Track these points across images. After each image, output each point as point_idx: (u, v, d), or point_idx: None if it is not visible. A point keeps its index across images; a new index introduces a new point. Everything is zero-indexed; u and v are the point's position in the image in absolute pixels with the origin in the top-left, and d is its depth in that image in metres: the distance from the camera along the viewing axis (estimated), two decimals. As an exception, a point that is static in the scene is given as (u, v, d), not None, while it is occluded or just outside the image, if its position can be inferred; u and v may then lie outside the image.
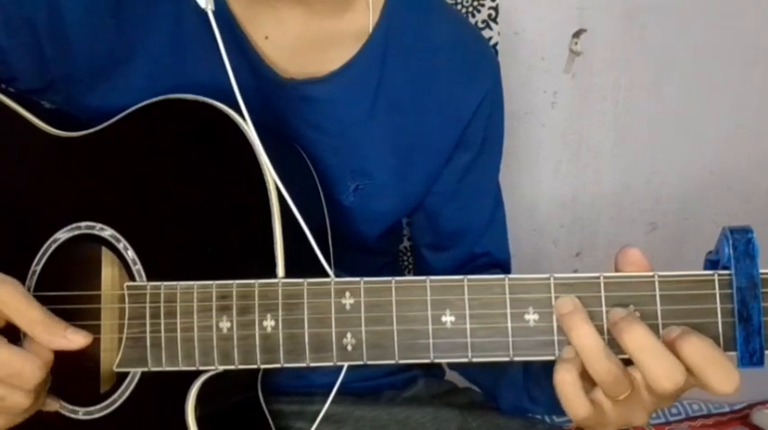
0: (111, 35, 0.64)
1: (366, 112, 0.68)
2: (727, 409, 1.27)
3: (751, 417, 1.25)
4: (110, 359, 0.56)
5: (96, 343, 0.56)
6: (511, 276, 0.48)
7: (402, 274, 0.93)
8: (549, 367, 0.48)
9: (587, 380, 0.46)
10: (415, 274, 0.97)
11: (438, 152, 0.72)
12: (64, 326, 0.51)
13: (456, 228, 0.76)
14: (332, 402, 0.61)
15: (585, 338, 0.45)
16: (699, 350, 0.43)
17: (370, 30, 0.67)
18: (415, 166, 0.71)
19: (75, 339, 0.51)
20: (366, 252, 0.76)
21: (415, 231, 0.81)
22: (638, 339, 0.44)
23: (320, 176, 0.65)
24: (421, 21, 0.69)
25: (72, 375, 0.54)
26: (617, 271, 0.48)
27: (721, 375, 0.43)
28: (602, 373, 0.45)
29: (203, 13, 0.58)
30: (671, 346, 0.44)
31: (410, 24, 0.69)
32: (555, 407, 0.52)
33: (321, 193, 0.63)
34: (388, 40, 0.67)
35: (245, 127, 0.54)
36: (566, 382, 0.45)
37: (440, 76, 0.69)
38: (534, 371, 0.65)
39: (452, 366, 0.81)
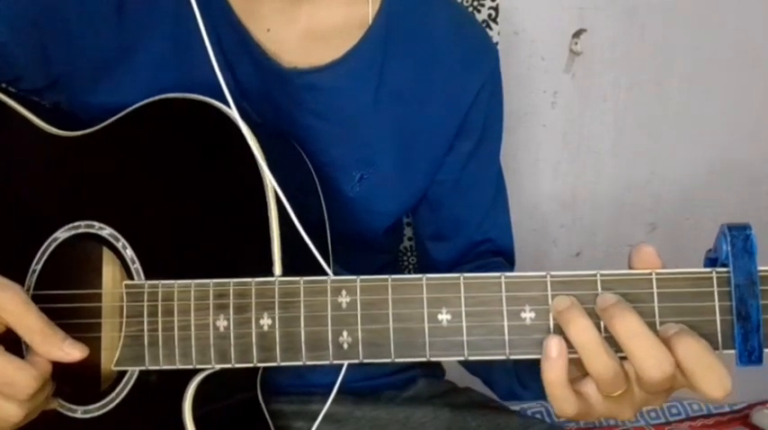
0: (114, 33, 0.64)
1: (369, 100, 0.68)
2: (727, 409, 1.26)
3: (751, 417, 1.24)
4: (110, 357, 0.55)
5: (96, 341, 0.56)
6: (507, 274, 0.48)
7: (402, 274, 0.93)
8: None
9: (579, 369, 0.46)
10: (417, 272, 0.97)
11: (440, 140, 0.72)
12: (62, 337, 0.50)
13: (458, 216, 0.76)
14: (332, 402, 0.60)
15: (584, 333, 0.44)
16: (692, 352, 0.43)
17: (371, 18, 0.68)
18: (418, 155, 0.71)
19: (71, 352, 0.50)
20: (368, 250, 0.76)
21: (418, 224, 0.81)
22: (629, 326, 0.44)
23: (325, 167, 0.65)
24: (421, 9, 0.70)
25: (71, 374, 0.53)
26: (630, 267, 0.47)
27: (711, 380, 0.43)
28: (600, 369, 0.44)
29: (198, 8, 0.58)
30: (666, 344, 0.44)
31: (410, 12, 0.69)
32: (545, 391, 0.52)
33: (320, 191, 0.63)
34: (388, 28, 0.68)
35: (242, 126, 0.54)
36: (554, 384, 0.45)
37: (440, 64, 0.70)
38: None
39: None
